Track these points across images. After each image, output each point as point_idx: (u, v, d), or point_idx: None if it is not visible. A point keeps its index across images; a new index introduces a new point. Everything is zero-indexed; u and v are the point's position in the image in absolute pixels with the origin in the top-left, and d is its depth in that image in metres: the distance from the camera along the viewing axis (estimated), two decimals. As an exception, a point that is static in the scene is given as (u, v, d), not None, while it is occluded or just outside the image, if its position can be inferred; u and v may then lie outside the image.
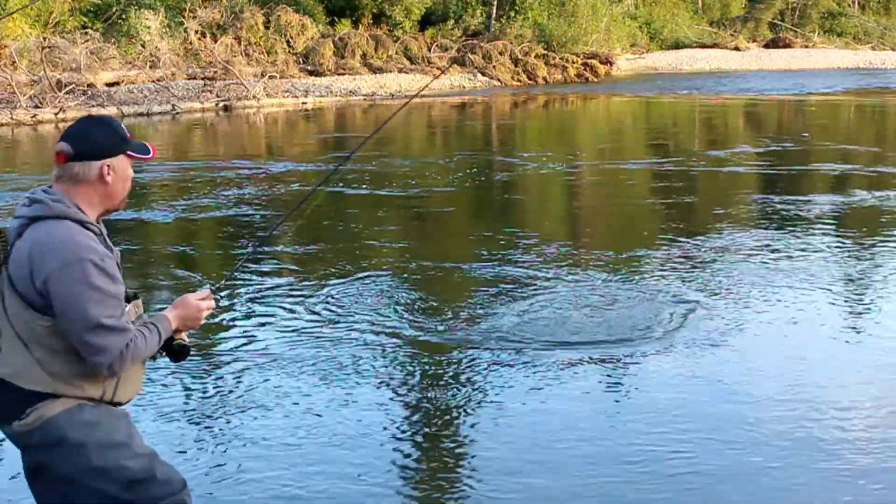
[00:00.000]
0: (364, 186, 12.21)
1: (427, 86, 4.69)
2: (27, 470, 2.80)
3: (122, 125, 2.80)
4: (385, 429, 4.69)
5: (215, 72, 25.53)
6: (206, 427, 4.69)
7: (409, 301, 6.97)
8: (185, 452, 4.36)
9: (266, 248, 8.63)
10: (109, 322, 2.56)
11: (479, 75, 31.96)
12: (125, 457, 2.68)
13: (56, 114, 20.61)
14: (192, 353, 2.91)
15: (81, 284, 2.53)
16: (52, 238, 2.57)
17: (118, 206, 2.78)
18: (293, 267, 8.14)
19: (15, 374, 2.61)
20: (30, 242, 2.58)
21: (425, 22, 33.65)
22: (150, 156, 2.79)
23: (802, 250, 8.42)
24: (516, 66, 32.80)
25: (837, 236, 9.10)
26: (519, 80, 32.24)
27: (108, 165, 2.69)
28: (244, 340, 6.04)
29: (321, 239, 9.12)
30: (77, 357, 2.61)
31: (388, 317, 6.54)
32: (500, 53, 32.79)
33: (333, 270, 7.84)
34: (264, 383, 5.27)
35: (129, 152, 2.73)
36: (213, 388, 5.22)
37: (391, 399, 5.08)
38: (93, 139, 2.69)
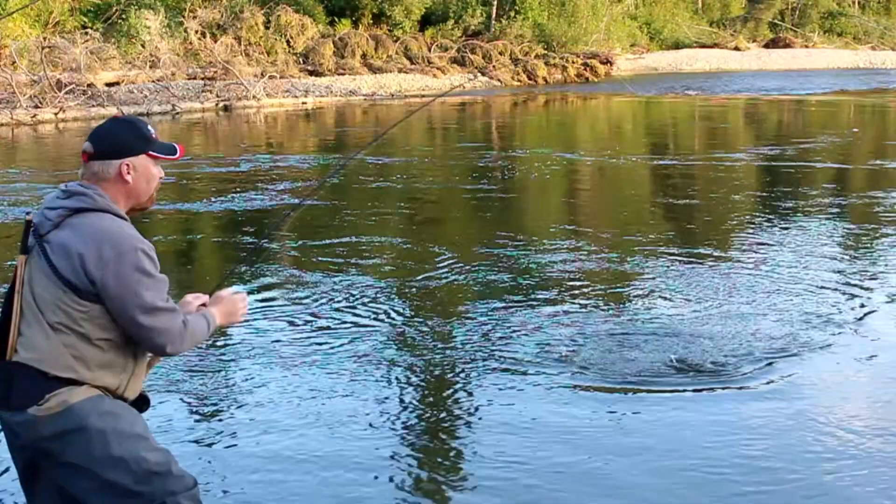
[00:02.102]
0: (367, 184, 12.20)
1: (454, 88, 4.67)
2: (24, 467, 2.77)
3: (149, 126, 2.84)
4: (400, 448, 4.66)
5: (215, 72, 25.52)
6: (207, 423, 4.68)
7: (420, 302, 6.95)
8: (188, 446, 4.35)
9: (272, 246, 8.62)
10: (164, 304, 2.69)
11: (479, 75, 31.95)
12: (144, 448, 2.71)
13: (56, 114, 20.59)
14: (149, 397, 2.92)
15: (137, 272, 2.64)
16: (104, 228, 2.66)
17: (145, 205, 2.85)
18: (296, 265, 8.12)
19: (39, 359, 2.63)
20: (78, 232, 2.65)
21: (425, 22, 33.66)
22: (177, 156, 2.86)
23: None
24: (516, 66, 32.80)
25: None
26: (519, 80, 32.24)
27: (128, 164, 2.75)
28: (241, 338, 6.02)
29: (323, 236, 9.10)
30: (106, 345, 2.67)
31: (403, 321, 6.52)
32: (500, 53, 32.80)
33: (337, 269, 7.81)
34: (250, 381, 5.24)
35: (151, 152, 2.80)
36: (212, 386, 5.20)
37: (409, 415, 5.02)
38: (113, 138, 2.76)
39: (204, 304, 3.00)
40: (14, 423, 2.68)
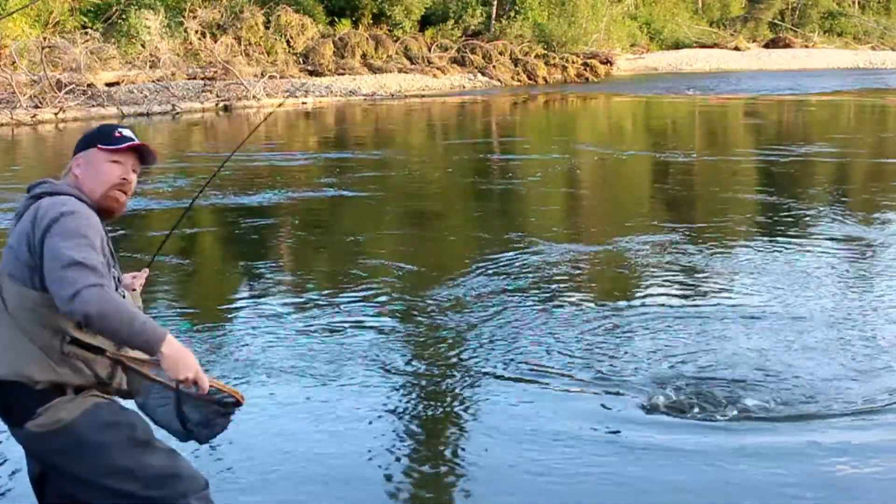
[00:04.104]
0: (368, 185, 12.18)
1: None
2: (34, 474, 2.78)
3: (120, 128, 2.80)
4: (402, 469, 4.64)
5: (215, 72, 25.51)
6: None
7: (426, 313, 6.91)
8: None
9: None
10: (84, 260, 2.47)
11: (479, 75, 31.97)
12: (149, 454, 2.67)
13: (56, 114, 20.58)
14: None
15: (71, 230, 2.53)
16: (55, 200, 2.63)
17: (108, 205, 2.75)
18: (292, 274, 8.10)
19: (22, 367, 2.57)
20: (33, 210, 2.62)
21: (425, 22, 33.67)
22: (124, 146, 2.75)
23: None
24: (516, 66, 32.81)
25: None
26: (519, 80, 32.25)
27: (79, 160, 2.78)
28: (240, 344, 6.00)
29: (322, 236, 9.08)
30: (81, 336, 2.59)
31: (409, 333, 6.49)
32: (500, 53, 32.81)
33: (336, 272, 7.78)
34: (251, 383, 5.21)
35: (99, 145, 2.76)
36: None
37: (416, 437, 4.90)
38: (78, 140, 2.85)
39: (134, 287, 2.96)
40: (19, 436, 2.67)
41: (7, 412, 2.65)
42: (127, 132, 2.79)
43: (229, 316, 6.47)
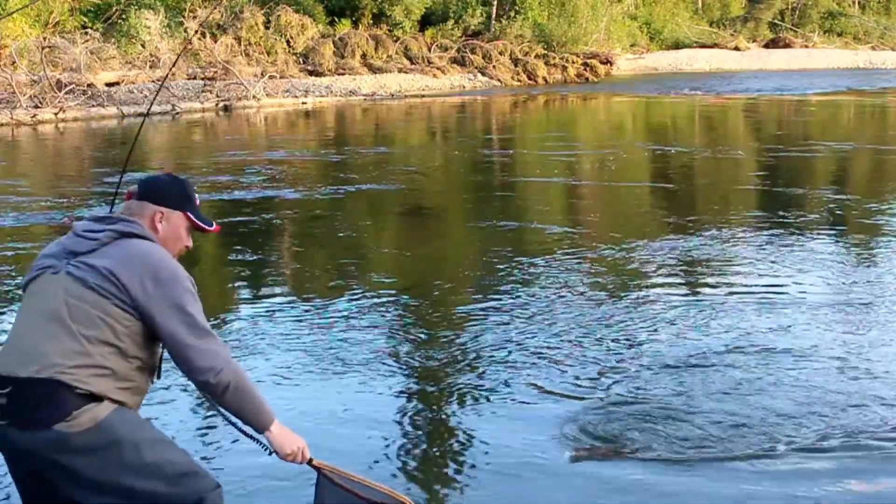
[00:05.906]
0: (368, 186, 12.18)
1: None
2: (32, 487, 2.69)
3: (195, 193, 2.93)
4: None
5: (215, 72, 25.50)
6: (204, 425, 4.65)
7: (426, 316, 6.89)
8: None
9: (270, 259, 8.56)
10: (213, 331, 2.73)
11: (479, 75, 31.95)
12: (171, 451, 2.73)
13: (56, 114, 20.56)
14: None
15: (189, 295, 2.71)
16: (158, 253, 2.74)
17: None
18: (301, 270, 8.09)
19: (68, 372, 2.57)
20: (130, 253, 2.69)
21: (425, 22, 33.64)
22: (211, 229, 2.93)
23: None
24: (516, 66, 32.80)
25: None
26: (519, 80, 32.24)
27: (162, 213, 2.83)
28: (238, 342, 5.99)
29: (322, 237, 9.07)
30: (136, 363, 2.68)
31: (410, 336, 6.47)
32: (500, 53, 32.79)
33: (337, 274, 7.76)
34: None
35: (188, 212, 2.87)
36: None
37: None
38: (158, 186, 2.88)
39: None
40: (29, 441, 2.57)
41: (26, 415, 2.56)
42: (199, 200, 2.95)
43: (233, 312, 6.45)
